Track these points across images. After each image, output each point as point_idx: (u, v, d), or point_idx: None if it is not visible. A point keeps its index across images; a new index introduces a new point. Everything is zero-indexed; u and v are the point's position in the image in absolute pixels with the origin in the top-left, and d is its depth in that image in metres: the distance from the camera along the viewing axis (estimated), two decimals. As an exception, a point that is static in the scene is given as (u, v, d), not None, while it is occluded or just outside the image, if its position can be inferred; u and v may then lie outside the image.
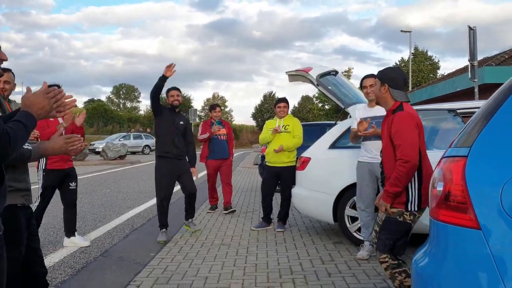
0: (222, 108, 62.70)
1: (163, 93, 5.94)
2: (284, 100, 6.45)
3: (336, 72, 6.43)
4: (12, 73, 4.18)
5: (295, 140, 6.16)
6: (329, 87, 5.94)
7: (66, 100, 2.01)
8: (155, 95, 5.54)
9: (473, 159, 1.67)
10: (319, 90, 5.99)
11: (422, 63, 42.69)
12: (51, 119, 5.03)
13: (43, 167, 5.00)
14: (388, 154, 3.24)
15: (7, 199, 2.23)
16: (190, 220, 5.94)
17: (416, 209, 3.08)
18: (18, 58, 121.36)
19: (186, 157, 5.87)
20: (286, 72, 6.29)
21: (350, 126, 5.14)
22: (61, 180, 5.14)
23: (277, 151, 6.11)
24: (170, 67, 5.35)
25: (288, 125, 6.26)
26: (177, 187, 6.24)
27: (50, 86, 4.99)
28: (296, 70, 6.18)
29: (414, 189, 3.10)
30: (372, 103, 4.85)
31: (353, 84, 6.72)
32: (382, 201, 3.14)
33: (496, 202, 1.55)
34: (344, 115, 6.37)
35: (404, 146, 3.05)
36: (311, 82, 6.10)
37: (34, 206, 5.06)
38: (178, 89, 5.89)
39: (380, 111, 4.74)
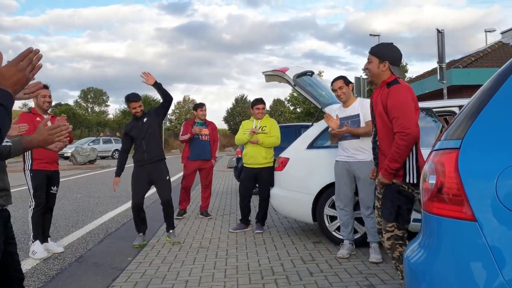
0: (193, 111, 62.27)
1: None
2: (261, 101, 6.42)
3: (312, 73, 6.45)
4: None
5: (272, 139, 6.14)
6: (306, 88, 5.95)
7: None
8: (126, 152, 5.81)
9: (466, 151, 1.68)
10: (296, 90, 5.99)
11: (391, 66, 43.48)
12: (37, 118, 4.89)
13: (29, 168, 4.87)
14: (383, 129, 3.23)
15: None
16: (171, 231, 5.68)
17: (415, 181, 3.05)
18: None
19: (163, 160, 5.70)
20: (263, 72, 6.26)
21: (327, 126, 5.15)
22: (46, 182, 5.00)
23: (252, 142, 6.08)
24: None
25: (265, 126, 6.24)
26: (152, 190, 6.12)
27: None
28: (272, 70, 6.16)
29: (412, 161, 3.09)
30: (345, 104, 4.89)
31: (327, 85, 6.75)
32: (382, 178, 3.10)
33: (491, 193, 1.55)
34: (322, 115, 6.40)
35: (403, 118, 3.03)
36: (288, 82, 6.10)
37: (30, 210, 4.90)
38: (137, 100, 5.59)
39: (353, 110, 4.78)
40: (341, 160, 4.79)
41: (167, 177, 5.62)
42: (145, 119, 5.60)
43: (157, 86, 5.48)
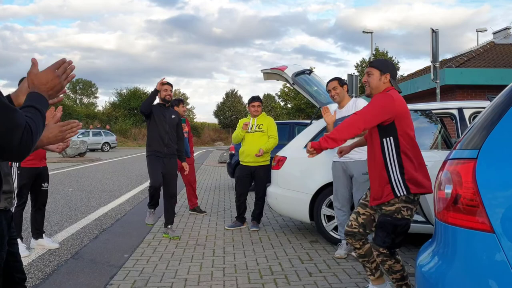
0: (184, 105, 62.08)
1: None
2: (258, 99, 6.40)
3: (311, 71, 6.45)
4: None
5: (272, 141, 6.12)
6: (305, 86, 5.95)
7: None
8: (147, 109, 5.66)
9: (484, 161, 1.68)
10: (295, 88, 5.98)
11: (382, 64, 43.64)
12: None
13: (17, 165, 4.75)
14: (369, 150, 3.29)
15: None
16: (169, 226, 5.72)
17: (404, 192, 3.05)
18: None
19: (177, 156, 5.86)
20: (261, 70, 6.26)
21: (326, 126, 5.16)
22: (34, 179, 4.91)
23: (258, 156, 6.04)
24: (162, 81, 5.70)
25: (262, 124, 6.22)
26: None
27: (23, 78, 4.76)
28: (271, 69, 6.16)
29: (396, 174, 3.07)
30: (340, 104, 4.91)
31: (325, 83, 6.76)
32: (312, 147, 3.13)
33: (510, 204, 1.56)
34: (320, 114, 6.40)
35: (362, 115, 3.07)
36: (286, 81, 6.10)
37: (12, 209, 4.80)
38: (170, 84, 5.83)
39: (347, 111, 4.79)
40: (337, 161, 4.81)
41: (177, 173, 5.94)
42: (173, 116, 5.82)
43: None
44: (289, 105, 48.68)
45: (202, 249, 5.11)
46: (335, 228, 5.15)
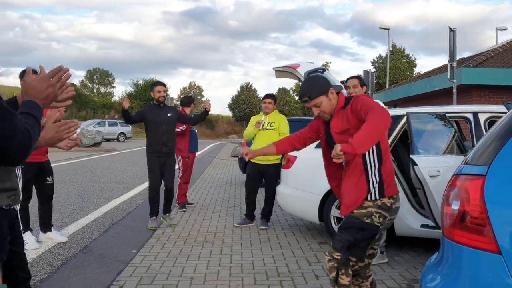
0: (199, 97, 62.45)
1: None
2: (270, 96, 6.36)
3: (324, 70, 6.36)
4: None
5: (281, 137, 6.07)
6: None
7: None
8: (129, 122, 6.27)
9: (493, 178, 1.63)
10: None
11: (399, 61, 43.16)
12: None
13: None
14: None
15: None
16: (167, 214, 6.23)
17: (378, 196, 2.82)
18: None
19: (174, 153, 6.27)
20: (274, 68, 6.20)
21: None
22: (37, 174, 4.94)
23: (259, 127, 6.11)
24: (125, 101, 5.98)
25: (274, 122, 6.18)
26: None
27: (23, 71, 4.78)
28: (283, 67, 6.10)
29: (375, 177, 2.83)
30: None
31: (339, 82, 6.68)
32: (342, 150, 2.50)
33: (519, 226, 1.51)
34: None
35: (378, 108, 2.69)
36: (298, 79, 6.04)
37: (17, 207, 4.85)
38: (163, 85, 6.09)
39: None
40: (350, 162, 4.74)
41: (175, 168, 6.27)
42: (169, 114, 6.01)
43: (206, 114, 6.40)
44: (304, 100, 48.44)
45: (210, 246, 5.12)
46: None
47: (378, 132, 2.62)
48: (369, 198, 2.84)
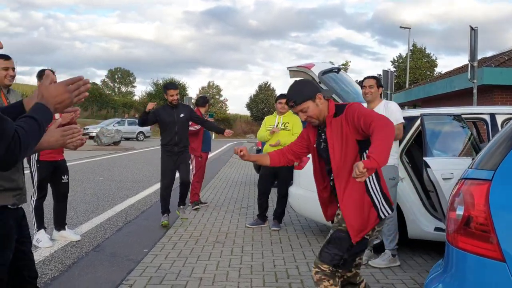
0: (217, 97, 62.66)
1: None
2: (285, 96, 6.31)
3: (339, 70, 6.32)
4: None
5: (294, 138, 6.02)
6: (331, 85, 5.82)
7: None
8: (144, 123, 6.22)
9: (498, 184, 1.57)
10: (321, 87, 5.86)
11: (420, 60, 42.57)
12: None
13: (36, 158, 4.83)
14: (343, 164, 2.74)
15: None
16: (181, 207, 6.41)
17: (390, 212, 2.77)
18: (13, 37, 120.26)
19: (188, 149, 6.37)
20: (288, 68, 6.16)
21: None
22: (52, 172, 5.00)
23: (273, 146, 6.00)
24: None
25: (288, 123, 6.14)
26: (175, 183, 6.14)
27: (43, 70, 4.83)
28: (297, 66, 6.05)
29: (377, 194, 2.75)
30: (369, 105, 4.76)
31: (355, 82, 6.61)
32: (365, 167, 2.33)
33: (524, 233, 1.45)
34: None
35: (377, 116, 2.64)
36: (313, 79, 5.98)
37: (32, 202, 4.93)
38: (175, 88, 6.15)
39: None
40: (363, 164, 4.67)
41: (189, 161, 6.44)
42: (181, 114, 6.09)
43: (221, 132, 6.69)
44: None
45: (220, 246, 5.11)
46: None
47: (391, 140, 2.53)
48: (382, 216, 2.75)
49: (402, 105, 22.69)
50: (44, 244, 4.83)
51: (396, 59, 45.02)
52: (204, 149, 7.52)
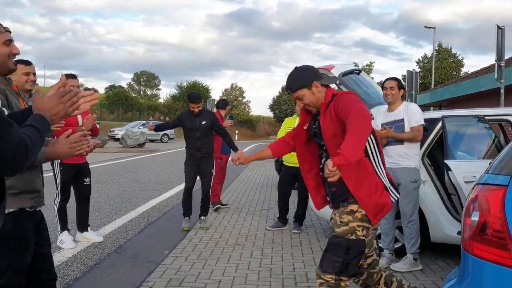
0: (240, 98, 62.83)
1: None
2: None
3: (359, 71, 6.25)
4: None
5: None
6: (351, 86, 5.76)
7: (83, 99, 1.89)
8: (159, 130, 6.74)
9: (515, 190, 1.52)
10: (341, 89, 5.81)
11: (446, 60, 41.80)
12: None
13: (59, 161, 4.92)
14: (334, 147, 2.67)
15: (16, 202, 2.15)
16: (202, 217, 6.24)
17: (397, 195, 2.76)
18: (42, 42, 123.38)
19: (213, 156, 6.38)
20: (307, 70, 6.11)
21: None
22: (75, 175, 5.09)
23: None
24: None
25: (308, 124, 6.11)
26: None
27: (65, 75, 4.93)
28: (317, 68, 6.00)
29: (385, 178, 2.72)
30: (390, 106, 4.70)
31: (376, 84, 6.53)
32: (335, 165, 2.32)
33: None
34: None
35: (356, 107, 2.54)
36: (333, 81, 5.93)
37: (56, 204, 5.04)
38: (197, 102, 6.07)
39: (398, 115, 4.58)
40: (384, 166, 4.61)
41: (212, 171, 6.33)
42: (203, 122, 6.11)
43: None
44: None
45: (240, 249, 5.11)
46: (378, 236, 4.96)
47: (365, 132, 2.47)
48: (393, 200, 2.74)
49: (427, 106, 22.30)
50: (67, 245, 4.93)
51: (421, 59, 44.35)
52: (224, 151, 7.52)
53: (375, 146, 2.74)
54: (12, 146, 1.38)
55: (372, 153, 2.73)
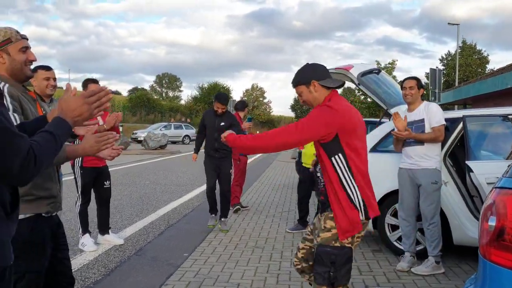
0: (261, 99, 62.83)
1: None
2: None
3: (379, 71, 6.16)
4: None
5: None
6: (371, 87, 5.69)
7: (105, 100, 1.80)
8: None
9: (534, 195, 1.47)
10: (360, 89, 5.75)
11: (470, 57, 40.97)
12: None
13: (79, 165, 5.00)
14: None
15: (32, 208, 2.18)
16: (222, 219, 6.19)
17: (364, 218, 2.64)
18: (66, 46, 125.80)
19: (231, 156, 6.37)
20: (326, 70, 6.06)
21: (394, 129, 4.90)
22: (95, 178, 5.16)
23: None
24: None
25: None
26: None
27: (87, 79, 5.01)
28: (335, 68, 5.94)
29: (356, 196, 2.61)
30: (410, 107, 4.62)
31: (396, 83, 6.43)
32: (225, 136, 2.69)
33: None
34: (388, 115, 6.11)
35: (296, 124, 2.63)
36: (352, 81, 5.87)
37: (77, 207, 5.11)
38: (223, 103, 6.13)
39: (418, 115, 4.50)
40: (404, 168, 4.54)
41: (230, 171, 6.30)
42: (222, 123, 6.13)
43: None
44: (369, 99, 47.34)
45: (260, 252, 5.10)
46: (400, 238, 4.88)
47: (261, 144, 2.67)
48: (361, 218, 2.62)
49: (451, 105, 21.88)
50: (89, 248, 4.99)
51: (444, 56, 43.61)
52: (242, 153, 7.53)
53: (345, 166, 2.62)
54: (19, 157, 1.38)
55: (340, 168, 2.62)
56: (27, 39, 2.26)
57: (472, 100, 18.01)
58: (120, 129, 5.49)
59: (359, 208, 2.62)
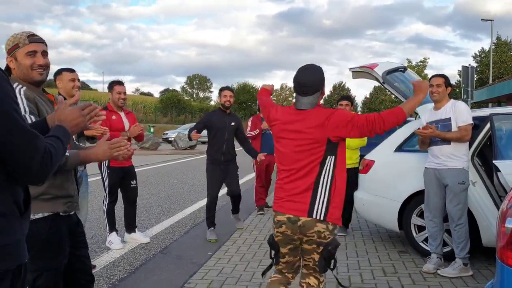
0: (290, 99, 62.54)
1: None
2: (346, 98, 6.17)
3: (405, 69, 6.05)
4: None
5: (357, 141, 5.86)
6: (396, 85, 5.59)
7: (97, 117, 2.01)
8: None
9: (552, 196, 1.41)
10: (385, 88, 5.66)
11: (505, 54, 39.71)
12: (113, 117, 5.13)
13: (107, 165, 5.10)
14: None
15: (49, 207, 2.24)
16: (235, 215, 6.27)
17: (322, 218, 2.69)
18: (100, 49, 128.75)
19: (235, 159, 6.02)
20: (350, 69, 5.99)
21: (418, 128, 4.81)
22: (122, 178, 5.25)
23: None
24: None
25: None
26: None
27: (113, 82, 5.14)
28: (360, 67, 5.87)
29: (323, 197, 2.71)
30: (436, 105, 4.52)
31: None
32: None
33: None
34: (415, 114, 6.00)
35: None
36: (377, 80, 5.79)
37: (104, 206, 5.22)
38: (231, 90, 5.95)
39: (445, 114, 4.39)
40: (430, 167, 4.45)
41: (237, 172, 6.04)
42: (232, 123, 5.86)
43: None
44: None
45: (284, 251, 5.07)
46: (426, 240, 4.79)
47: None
48: (309, 215, 2.73)
49: (484, 103, 21.26)
50: (115, 246, 5.09)
51: (478, 53, 42.44)
52: (263, 152, 7.41)
53: (332, 165, 2.73)
54: (38, 156, 1.45)
55: (327, 168, 2.73)
56: (42, 42, 2.29)
57: (506, 98, 17.49)
58: (152, 129, 5.58)
59: (314, 207, 2.77)
